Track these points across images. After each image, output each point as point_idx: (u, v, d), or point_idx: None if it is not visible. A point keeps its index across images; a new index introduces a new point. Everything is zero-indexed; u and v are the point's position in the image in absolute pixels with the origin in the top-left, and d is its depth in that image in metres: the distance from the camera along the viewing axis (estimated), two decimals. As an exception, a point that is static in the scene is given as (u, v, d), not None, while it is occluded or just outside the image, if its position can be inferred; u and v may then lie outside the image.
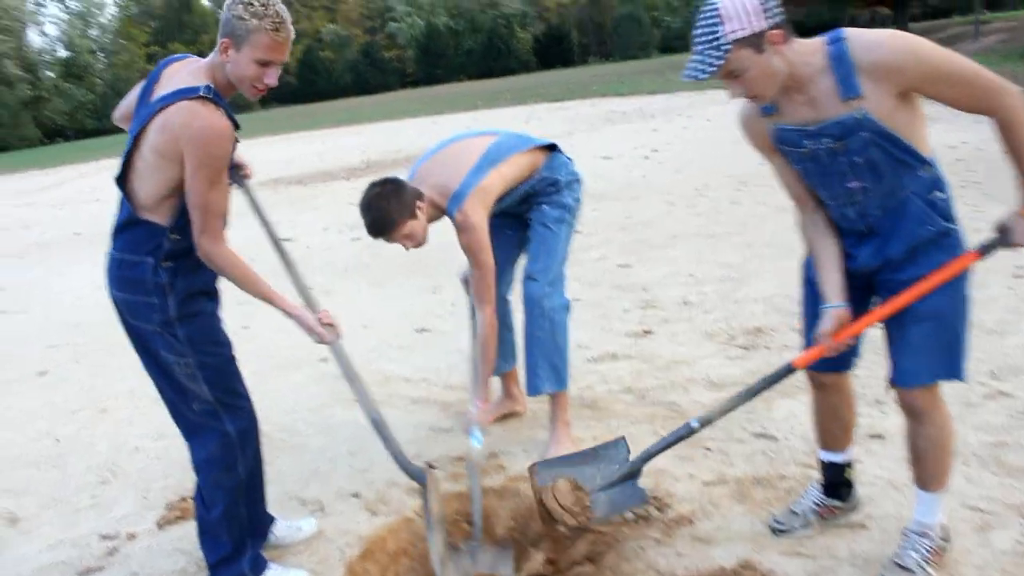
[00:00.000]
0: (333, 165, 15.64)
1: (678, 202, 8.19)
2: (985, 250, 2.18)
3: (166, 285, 2.49)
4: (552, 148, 3.50)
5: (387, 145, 18.36)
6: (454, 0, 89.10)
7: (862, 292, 2.33)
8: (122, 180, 2.53)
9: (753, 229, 6.71)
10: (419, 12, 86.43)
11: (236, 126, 2.49)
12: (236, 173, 2.88)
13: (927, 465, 2.31)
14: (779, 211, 7.00)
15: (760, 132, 2.32)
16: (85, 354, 5.74)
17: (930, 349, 2.21)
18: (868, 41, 2.06)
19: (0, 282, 8.85)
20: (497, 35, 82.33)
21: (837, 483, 2.59)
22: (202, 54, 2.60)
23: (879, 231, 2.24)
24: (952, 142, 9.10)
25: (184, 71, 2.50)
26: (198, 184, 2.39)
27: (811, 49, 2.13)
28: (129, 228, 2.53)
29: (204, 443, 2.64)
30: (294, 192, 12.73)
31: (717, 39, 2.05)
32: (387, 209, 3.13)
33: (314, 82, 79.28)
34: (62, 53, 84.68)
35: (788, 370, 2.33)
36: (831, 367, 2.45)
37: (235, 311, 2.74)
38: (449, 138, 3.51)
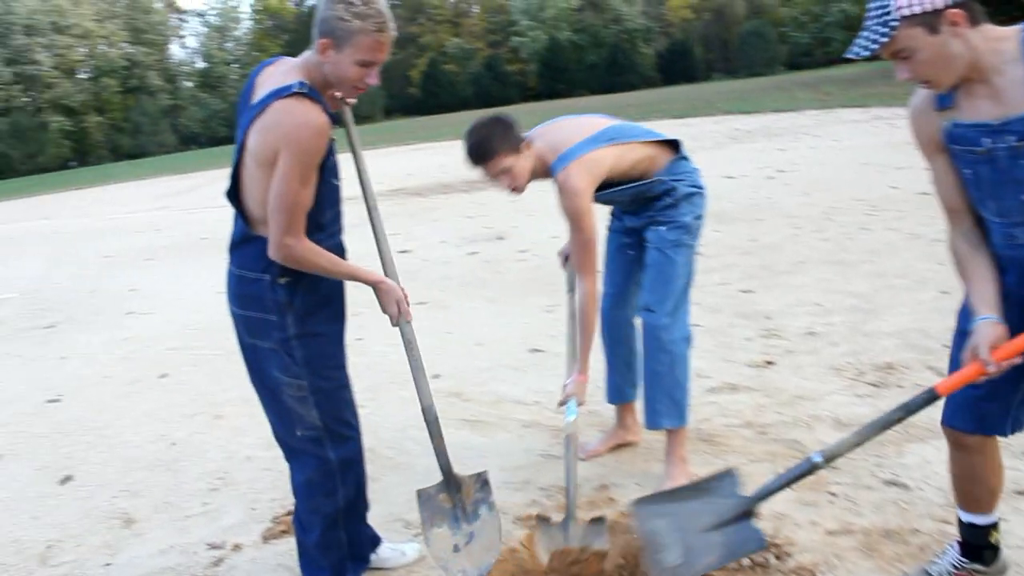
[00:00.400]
0: (454, 178, 15.78)
1: (804, 226, 7.91)
2: None
3: (284, 303, 2.45)
4: (677, 149, 3.30)
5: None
6: (577, 15, 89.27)
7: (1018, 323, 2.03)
8: (233, 194, 2.49)
9: (885, 257, 6.41)
10: (542, 27, 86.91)
11: (334, 121, 2.41)
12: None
13: None
14: (912, 238, 6.67)
15: (930, 126, 2.08)
16: (204, 358, 5.89)
17: None
18: None
19: (132, 283, 9.25)
20: (620, 50, 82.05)
21: (980, 545, 2.33)
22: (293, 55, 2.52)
23: None
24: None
25: (277, 73, 2.44)
26: (289, 181, 2.30)
27: (1002, 35, 1.91)
28: (244, 244, 2.50)
29: (303, 467, 2.60)
30: (413, 204, 12.88)
31: (887, 13, 1.88)
32: (491, 136, 3.06)
33: (437, 94, 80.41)
34: (200, 64, 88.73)
35: (930, 397, 2.08)
36: (977, 428, 2.17)
37: (349, 323, 2.71)
38: (572, 115, 3.43)
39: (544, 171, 3.16)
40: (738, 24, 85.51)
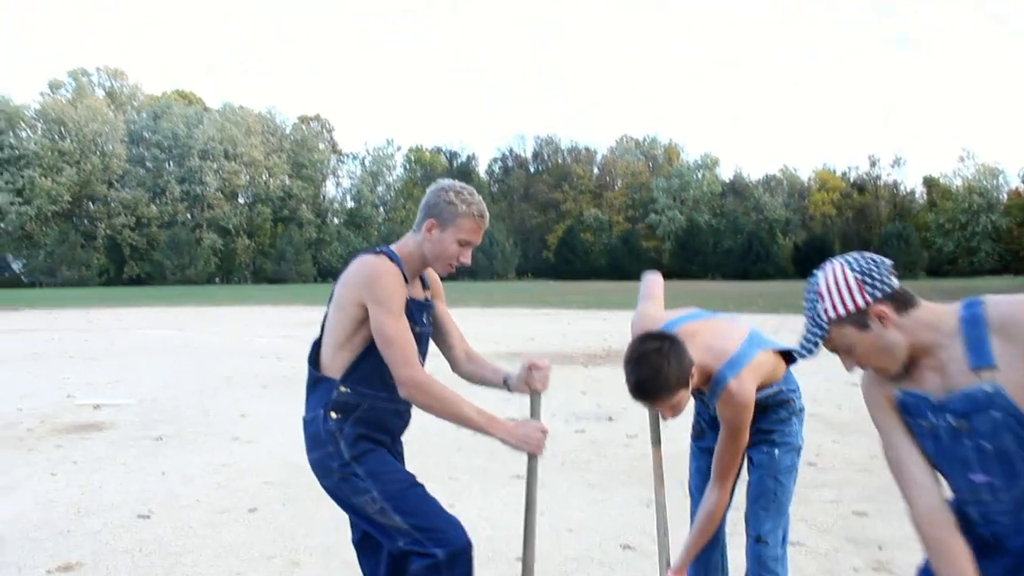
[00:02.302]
0: (574, 348, 15.75)
1: (932, 449, 7.44)
2: None
3: (335, 431, 2.70)
4: (791, 359, 3.15)
5: (630, 336, 18.30)
6: (719, 199, 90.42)
7: None
8: (317, 343, 2.86)
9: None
10: (682, 207, 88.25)
11: (405, 279, 2.73)
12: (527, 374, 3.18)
13: None
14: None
15: (880, 397, 2.03)
16: (293, 498, 5.84)
17: None
18: (1009, 300, 1.79)
19: (244, 408, 9.41)
20: (757, 238, 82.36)
21: None
22: None
23: (1009, 547, 1.84)
24: None
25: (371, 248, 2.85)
26: (381, 317, 2.62)
27: (942, 313, 1.88)
28: (312, 389, 2.83)
29: (414, 569, 2.66)
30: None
31: (817, 315, 1.93)
32: (666, 371, 2.66)
33: (571, 261, 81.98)
34: (349, 204, 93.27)
35: None
36: None
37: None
38: (699, 313, 3.21)
39: (704, 380, 2.89)
40: (880, 225, 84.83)
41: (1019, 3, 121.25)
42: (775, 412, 3.11)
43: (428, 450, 6.99)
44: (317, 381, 2.80)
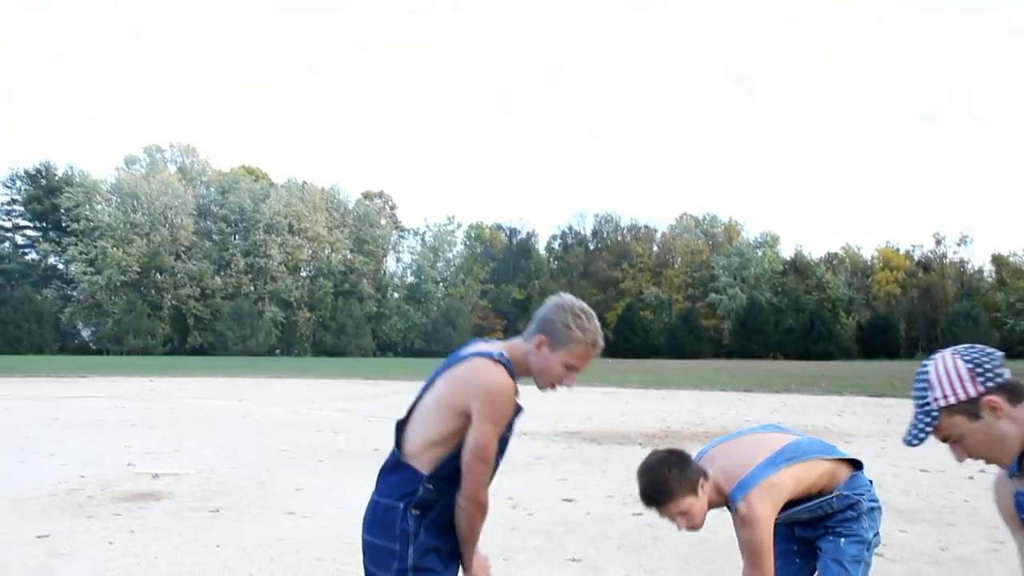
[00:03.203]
0: (632, 428, 15.55)
1: (1007, 541, 7.13)
2: None
3: (411, 532, 2.58)
4: (857, 466, 3.13)
5: (689, 416, 18.07)
6: (780, 278, 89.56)
7: None
8: (401, 425, 2.73)
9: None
10: (743, 285, 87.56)
11: (517, 391, 2.65)
12: None
13: None
14: None
15: (1007, 495, 2.00)
16: (346, 575, 5.79)
17: None
18: None
19: (299, 482, 9.40)
20: (820, 317, 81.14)
21: None
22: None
23: None
24: None
25: (484, 343, 2.75)
26: (482, 436, 2.55)
27: None
28: (392, 472, 2.69)
29: None
30: (588, 451, 12.67)
31: (927, 405, 1.92)
32: (667, 477, 2.92)
33: (630, 339, 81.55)
34: (409, 279, 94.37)
35: None
36: None
37: None
38: (748, 429, 3.29)
39: (720, 500, 3.01)
40: (947, 304, 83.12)
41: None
42: (841, 514, 3.08)
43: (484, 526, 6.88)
44: (399, 466, 2.67)
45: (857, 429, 14.98)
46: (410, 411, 2.75)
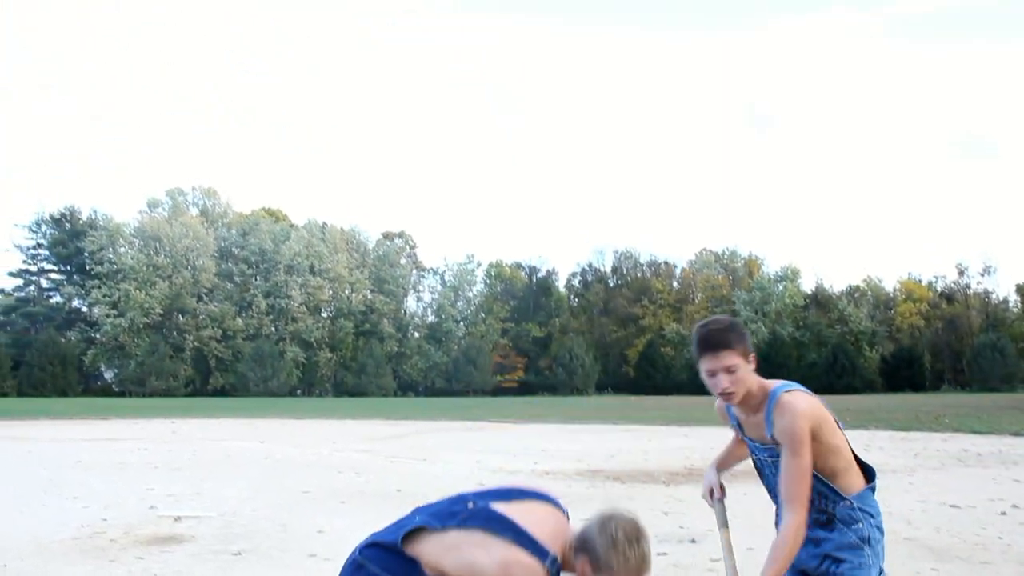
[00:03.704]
0: (655, 466, 15.40)
1: (1042, 579, 6.98)
2: None
3: None
4: (871, 479, 3.12)
5: (713, 454, 17.83)
6: (802, 312, 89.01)
7: None
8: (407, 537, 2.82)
9: None
10: (764, 320, 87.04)
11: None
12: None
13: None
14: None
15: None
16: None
17: None
18: None
19: (321, 524, 9.34)
20: (843, 351, 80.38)
21: None
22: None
23: None
24: None
25: (543, 521, 2.86)
26: None
27: None
28: (391, 550, 2.77)
29: None
30: (611, 489, 12.53)
31: None
32: (734, 329, 3.09)
33: (651, 376, 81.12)
34: (430, 318, 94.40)
35: None
36: None
37: None
38: None
39: (761, 396, 3.09)
40: (972, 335, 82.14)
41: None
42: (842, 533, 2.99)
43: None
44: (400, 552, 2.78)
45: (884, 464, 14.78)
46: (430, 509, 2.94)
